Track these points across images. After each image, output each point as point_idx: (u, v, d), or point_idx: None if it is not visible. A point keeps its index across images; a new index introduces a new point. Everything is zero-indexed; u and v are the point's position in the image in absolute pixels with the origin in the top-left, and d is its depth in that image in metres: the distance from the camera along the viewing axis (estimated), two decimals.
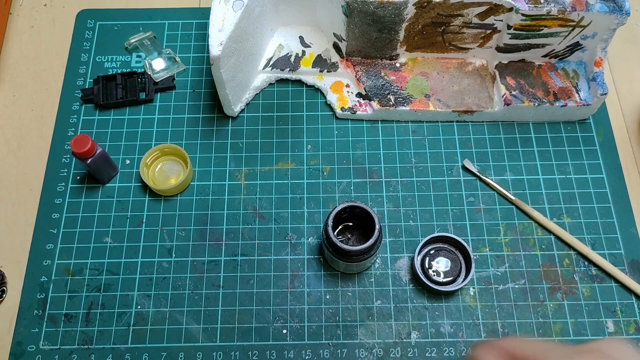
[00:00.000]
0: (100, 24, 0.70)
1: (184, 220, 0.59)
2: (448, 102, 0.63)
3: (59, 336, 0.54)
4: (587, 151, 0.63)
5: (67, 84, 0.67)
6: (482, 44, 0.62)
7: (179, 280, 0.57)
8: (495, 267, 0.57)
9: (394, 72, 0.64)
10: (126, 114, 0.65)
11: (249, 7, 0.56)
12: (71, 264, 0.57)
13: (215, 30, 0.54)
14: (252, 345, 0.54)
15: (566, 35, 0.59)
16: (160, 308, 0.56)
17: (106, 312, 0.55)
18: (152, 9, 0.71)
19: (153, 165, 0.61)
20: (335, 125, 0.64)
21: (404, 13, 0.58)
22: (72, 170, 0.62)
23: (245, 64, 0.61)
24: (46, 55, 0.69)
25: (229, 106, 0.62)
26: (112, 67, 0.67)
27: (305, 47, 0.66)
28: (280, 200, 0.60)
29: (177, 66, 0.67)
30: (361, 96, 0.64)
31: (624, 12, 0.56)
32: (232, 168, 0.62)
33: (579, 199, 0.60)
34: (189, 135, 0.64)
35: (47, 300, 0.56)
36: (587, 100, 0.62)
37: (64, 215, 0.59)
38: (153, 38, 0.68)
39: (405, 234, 0.59)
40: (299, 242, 0.58)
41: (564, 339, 0.54)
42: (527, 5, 0.56)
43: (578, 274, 0.57)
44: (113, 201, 0.60)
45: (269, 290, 0.56)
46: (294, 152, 0.63)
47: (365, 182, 0.61)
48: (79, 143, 0.55)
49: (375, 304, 0.56)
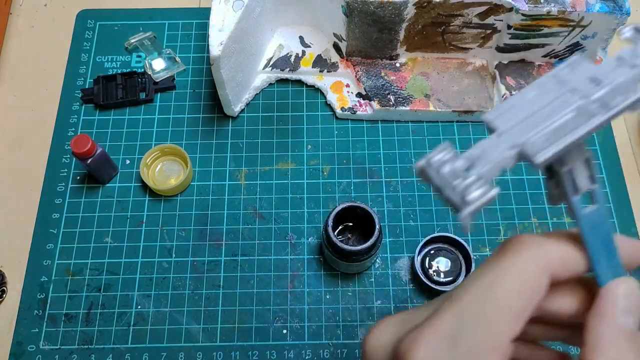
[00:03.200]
0: (100, 24, 0.70)
1: (184, 221, 0.59)
2: (448, 102, 0.63)
3: (59, 336, 0.54)
4: None
5: (67, 84, 0.67)
6: (482, 44, 0.62)
7: (179, 280, 0.57)
8: None
9: (394, 72, 0.64)
10: (126, 114, 0.65)
11: (249, 7, 0.56)
12: (71, 264, 0.57)
13: (215, 30, 0.54)
14: (252, 345, 0.54)
15: (566, 35, 0.59)
16: (161, 308, 0.56)
17: (106, 312, 0.55)
18: (152, 9, 0.71)
19: (153, 165, 0.61)
20: (335, 125, 0.64)
21: (404, 13, 0.58)
22: (72, 170, 0.62)
23: (245, 64, 0.61)
24: (46, 55, 0.69)
25: (229, 106, 0.62)
26: (112, 67, 0.67)
27: (305, 47, 0.66)
28: (280, 200, 0.60)
29: (177, 66, 0.67)
30: (361, 96, 0.64)
31: (624, 12, 0.56)
32: (232, 168, 0.62)
33: None
34: (189, 136, 0.64)
35: (47, 300, 0.56)
36: None
37: (64, 215, 0.59)
38: (153, 38, 0.68)
39: (405, 234, 0.59)
40: (299, 242, 0.58)
41: None
42: (527, 5, 0.56)
43: None
44: (113, 201, 0.60)
45: (269, 290, 0.56)
46: (294, 152, 0.63)
47: (365, 182, 0.61)
48: (79, 143, 0.55)
49: (376, 304, 0.56)
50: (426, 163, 0.23)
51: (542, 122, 0.22)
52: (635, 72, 0.23)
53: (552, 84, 0.24)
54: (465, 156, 0.23)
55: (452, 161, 0.23)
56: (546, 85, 0.24)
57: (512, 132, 0.23)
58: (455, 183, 0.22)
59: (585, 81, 0.23)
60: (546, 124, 0.22)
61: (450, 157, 0.23)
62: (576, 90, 0.23)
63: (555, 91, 0.23)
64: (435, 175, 0.23)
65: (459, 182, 0.22)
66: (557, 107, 0.23)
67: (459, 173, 0.22)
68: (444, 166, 0.23)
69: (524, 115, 0.23)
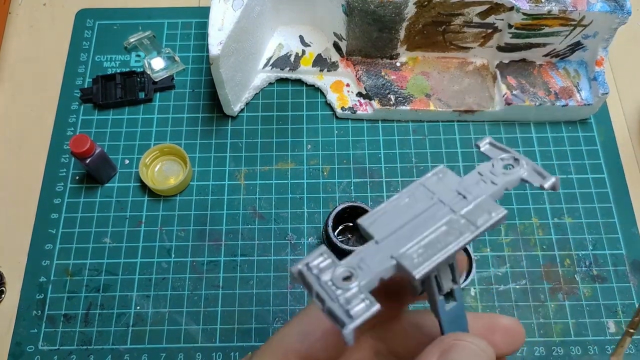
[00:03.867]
0: (99, 24, 0.70)
1: (183, 221, 0.59)
2: (449, 102, 0.62)
3: (58, 337, 0.54)
4: (588, 151, 0.62)
5: (66, 83, 0.66)
6: (482, 43, 0.62)
7: (178, 280, 0.57)
8: (496, 267, 0.57)
9: (394, 71, 0.64)
10: (125, 114, 0.64)
11: (248, 6, 0.56)
12: (70, 264, 0.57)
13: (214, 30, 0.54)
14: (252, 346, 0.54)
15: (567, 35, 0.59)
16: (160, 309, 0.55)
17: (105, 312, 0.55)
18: (151, 9, 0.71)
19: (152, 165, 0.61)
20: (335, 124, 0.64)
21: (404, 12, 0.58)
22: (71, 170, 0.62)
23: (245, 63, 0.60)
24: (45, 55, 0.69)
25: (229, 106, 0.62)
26: (111, 67, 0.67)
27: (305, 46, 0.65)
28: (280, 200, 0.60)
29: (176, 66, 0.66)
30: (361, 96, 0.64)
31: (625, 11, 0.56)
32: (232, 168, 0.62)
33: (580, 199, 0.60)
34: (189, 135, 0.63)
35: (46, 300, 0.56)
36: (588, 100, 0.61)
37: (63, 216, 0.59)
38: (152, 37, 0.68)
39: None
40: (299, 242, 0.58)
41: (565, 340, 0.54)
42: (528, 4, 0.56)
43: (579, 274, 0.57)
44: (112, 201, 0.60)
45: (269, 291, 0.56)
46: (294, 152, 0.62)
47: (366, 182, 0.61)
48: (77, 143, 0.55)
49: None
50: (304, 268, 0.23)
51: (416, 234, 0.24)
52: (495, 190, 0.25)
53: (421, 193, 0.25)
54: (344, 264, 0.23)
55: (331, 268, 0.23)
56: (416, 194, 0.25)
57: (389, 242, 0.24)
58: (337, 293, 0.22)
59: (452, 193, 0.25)
60: (420, 237, 0.24)
61: (329, 264, 0.23)
62: (444, 202, 0.25)
63: (426, 201, 0.25)
64: (315, 282, 0.23)
65: (340, 294, 0.22)
66: (428, 218, 0.24)
67: (339, 283, 0.23)
68: (323, 274, 0.23)
69: (398, 223, 0.24)
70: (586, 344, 0.54)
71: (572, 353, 0.54)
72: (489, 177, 0.26)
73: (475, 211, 0.24)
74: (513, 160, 0.26)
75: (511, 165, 0.26)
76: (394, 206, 0.25)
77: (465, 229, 0.24)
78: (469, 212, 0.24)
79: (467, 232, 0.24)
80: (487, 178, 0.26)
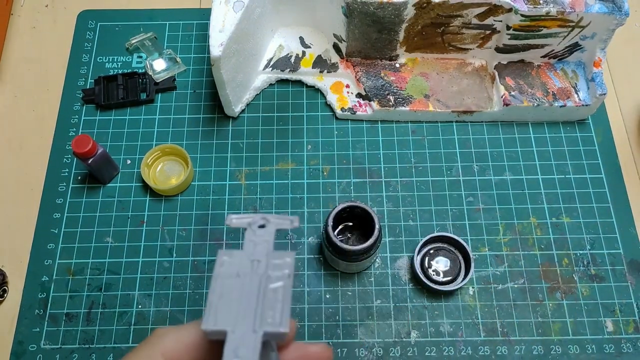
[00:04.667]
0: (101, 25, 0.70)
1: (185, 220, 0.60)
2: (447, 103, 0.63)
3: (60, 335, 0.55)
4: (586, 151, 0.63)
5: (68, 84, 0.67)
6: (481, 44, 0.63)
7: (179, 279, 0.57)
8: (494, 266, 0.57)
9: (393, 72, 0.64)
10: (127, 115, 0.65)
11: (249, 8, 0.56)
12: (72, 263, 0.58)
13: (215, 31, 0.54)
14: None
15: (565, 36, 0.60)
16: (161, 307, 0.56)
17: (107, 311, 0.56)
18: (153, 10, 0.71)
19: (154, 165, 0.62)
20: (335, 125, 0.64)
21: (403, 14, 0.58)
22: (73, 170, 0.62)
23: (246, 64, 0.61)
24: (47, 56, 0.69)
25: (230, 106, 0.62)
26: (113, 68, 0.68)
27: (306, 47, 0.66)
28: (280, 200, 0.60)
29: (177, 67, 0.67)
30: (361, 96, 0.64)
31: (623, 12, 0.56)
32: (233, 168, 0.62)
33: (578, 199, 0.60)
34: (190, 136, 0.64)
35: (48, 299, 0.56)
36: (586, 100, 0.62)
37: (65, 215, 0.60)
38: (154, 39, 0.69)
39: (405, 234, 0.59)
40: (299, 242, 0.59)
41: (563, 339, 0.54)
42: (526, 6, 0.56)
43: (577, 273, 0.57)
44: (114, 201, 0.60)
45: None
46: (294, 152, 0.63)
47: (365, 182, 0.61)
48: (80, 143, 0.55)
49: (375, 303, 0.56)
50: None
51: (250, 304, 0.28)
52: (270, 244, 0.30)
53: (228, 277, 0.29)
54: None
55: None
56: (225, 282, 0.28)
57: (239, 324, 0.27)
58: None
59: (248, 263, 0.29)
60: (259, 305, 0.28)
61: None
62: (249, 273, 0.29)
63: (236, 279, 0.28)
64: None
65: None
66: (250, 291, 0.28)
67: None
68: None
69: (234, 307, 0.27)
70: (584, 342, 0.54)
71: (570, 352, 0.54)
72: (259, 239, 0.30)
73: (273, 263, 0.29)
74: (261, 219, 0.31)
75: (263, 224, 0.31)
76: (218, 296, 0.28)
77: (278, 279, 0.29)
78: (270, 266, 0.29)
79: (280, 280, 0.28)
80: (259, 240, 0.30)
